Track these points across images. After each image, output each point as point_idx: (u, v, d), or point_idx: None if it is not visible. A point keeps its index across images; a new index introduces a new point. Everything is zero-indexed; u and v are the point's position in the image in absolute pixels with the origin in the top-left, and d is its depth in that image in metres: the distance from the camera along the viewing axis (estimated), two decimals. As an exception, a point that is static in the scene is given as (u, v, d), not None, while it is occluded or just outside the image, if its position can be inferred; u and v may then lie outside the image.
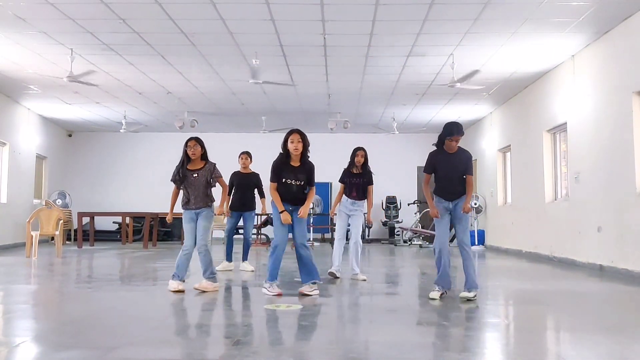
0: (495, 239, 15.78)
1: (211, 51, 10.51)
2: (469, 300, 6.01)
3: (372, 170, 8.17)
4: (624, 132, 8.78)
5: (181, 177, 6.75)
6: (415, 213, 18.39)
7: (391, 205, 18.82)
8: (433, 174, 6.35)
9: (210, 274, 6.70)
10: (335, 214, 8.32)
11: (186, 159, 6.77)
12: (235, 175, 9.11)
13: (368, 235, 18.58)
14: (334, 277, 7.85)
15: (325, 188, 18.81)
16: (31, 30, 9.35)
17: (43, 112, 16.17)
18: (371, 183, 8.08)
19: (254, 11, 8.50)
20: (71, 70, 10.51)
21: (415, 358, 3.76)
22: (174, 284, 6.58)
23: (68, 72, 10.57)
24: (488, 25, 9.00)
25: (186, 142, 6.81)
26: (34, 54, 10.63)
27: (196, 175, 6.74)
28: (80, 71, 10.87)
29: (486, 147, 16.48)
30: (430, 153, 6.40)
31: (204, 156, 6.88)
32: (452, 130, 6.14)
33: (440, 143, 6.30)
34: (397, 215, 18.74)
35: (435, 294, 6.09)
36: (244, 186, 9.02)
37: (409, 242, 17.43)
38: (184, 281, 6.65)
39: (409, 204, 18.98)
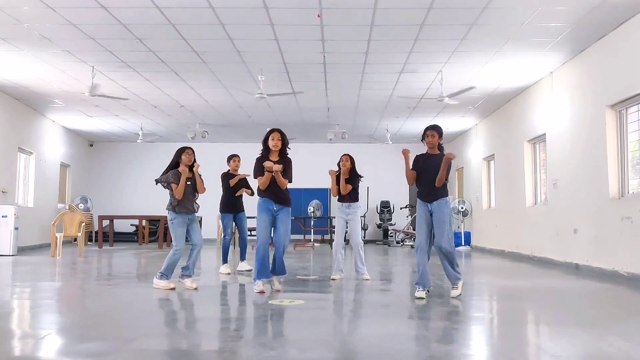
0: (480, 240, 15.77)
1: (220, 68, 10.54)
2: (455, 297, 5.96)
3: (361, 174, 7.84)
4: (598, 142, 8.80)
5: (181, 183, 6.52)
6: (407, 216, 18.39)
7: (385, 209, 18.82)
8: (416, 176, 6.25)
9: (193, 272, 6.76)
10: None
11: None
12: (228, 177, 8.56)
13: (364, 237, 18.55)
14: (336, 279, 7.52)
15: (324, 194, 18.81)
16: (55, 49, 9.39)
17: (66, 124, 16.20)
18: (356, 185, 7.76)
19: (260, 32, 8.53)
20: (92, 86, 10.54)
21: (407, 349, 3.76)
22: (163, 283, 6.51)
23: (89, 88, 10.60)
24: (474, 45, 9.03)
25: (184, 150, 6.60)
26: (58, 71, 10.66)
27: (189, 183, 6.66)
28: (101, 86, 10.89)
29: (472, 156, 16.49)
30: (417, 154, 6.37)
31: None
32: (425, 128, 6.18)
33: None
34: (391, 219, 18.75)
35: (420, 292, 5.90)
36: (237, 188, 8.48)
37: (401, 243, 17.43)
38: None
39: (401, 208, 19.00)
